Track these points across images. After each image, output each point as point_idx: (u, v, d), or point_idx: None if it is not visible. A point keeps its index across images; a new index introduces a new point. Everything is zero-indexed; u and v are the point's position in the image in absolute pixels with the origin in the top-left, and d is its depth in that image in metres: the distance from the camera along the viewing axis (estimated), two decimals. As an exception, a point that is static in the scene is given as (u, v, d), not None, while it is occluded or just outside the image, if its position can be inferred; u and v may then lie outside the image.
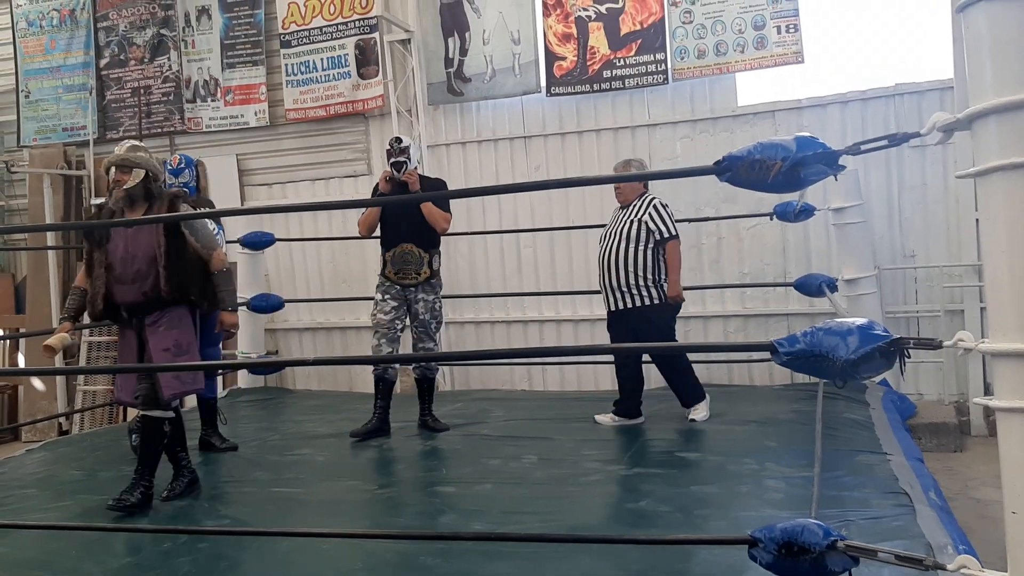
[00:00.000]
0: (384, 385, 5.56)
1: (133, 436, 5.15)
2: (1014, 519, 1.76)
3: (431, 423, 5.65)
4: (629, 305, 5.43)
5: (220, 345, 5.33)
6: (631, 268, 5.39)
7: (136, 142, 4.42)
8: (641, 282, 5.38)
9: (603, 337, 7.46)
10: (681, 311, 7.05)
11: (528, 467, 4.60)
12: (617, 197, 5.60)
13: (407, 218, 5.44)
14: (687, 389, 5.56)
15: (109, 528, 3.72)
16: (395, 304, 5.49)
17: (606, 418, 5.58)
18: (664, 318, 5.48)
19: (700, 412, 5.47)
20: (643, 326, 5.39)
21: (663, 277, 5.41)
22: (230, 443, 5.36)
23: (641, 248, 5.37)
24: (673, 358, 5.50)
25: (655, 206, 5.42)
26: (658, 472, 4.32)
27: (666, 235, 5.37)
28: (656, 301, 5.40)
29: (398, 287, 5.48)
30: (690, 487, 4.04)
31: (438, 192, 5.18)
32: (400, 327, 5.54)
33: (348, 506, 4.15)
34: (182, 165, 5.36)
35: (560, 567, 3.11)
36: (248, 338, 7.34)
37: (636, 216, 5.41)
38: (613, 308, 5.53)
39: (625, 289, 5.41)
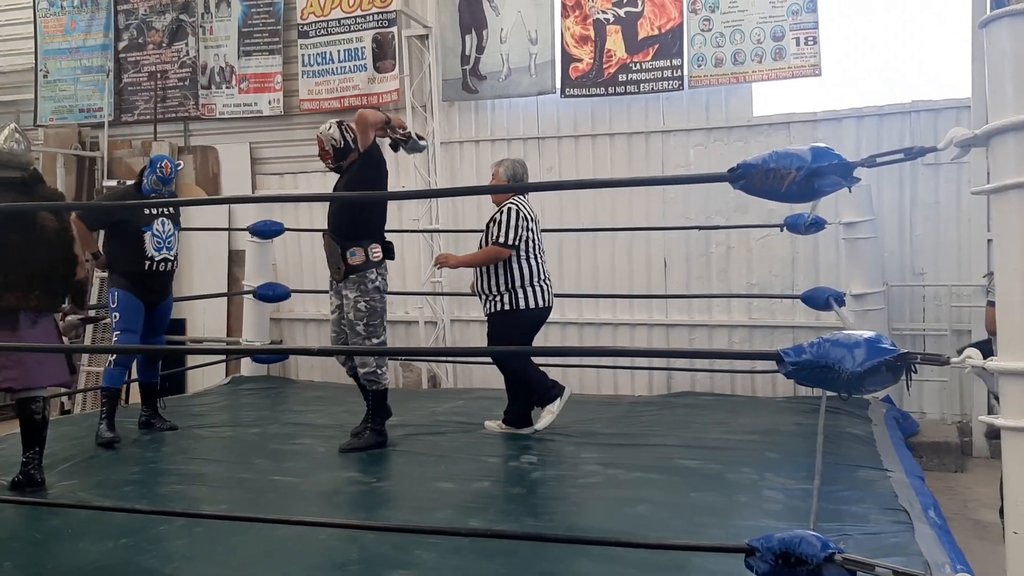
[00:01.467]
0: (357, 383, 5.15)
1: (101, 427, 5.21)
2: (1015, 539, 1.75)
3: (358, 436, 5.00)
4: (488, 311, 5.24)
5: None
6: (481, 274, 5.22)
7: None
8: (493, 289, 5.17)
9: (606, 340, 7.49)
10: (687, 319, 7.07)
11: (527, 467, 4.60)
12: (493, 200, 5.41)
13: (328, 208, 5.15)
14: (521, 398, 5.27)
15: (106, 508, 3.72)
16: (337, 302, 5.06)
17: (493, 424, 5.37)
18: (507, 326, 5.16)
19: (543, 420, 5.19)
20: (491, 332, 5.26)
21: (518, 283, 5.13)
22: (170, 423, 5.54)
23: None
24: (508, 369, 5.24)
25: (503, 211, 5.13)
26: (657, 478, 4.30)
27: (495, 238, 5.08)
28: (507, 308, 5.15)
29: (334, 283, 5.05)
30: (689, 494, 4.02)
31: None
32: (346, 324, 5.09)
33: (346, 497, 4.15)
34: (172, 175, 5.32)
35: (556, 568, 3.10)
36: (252, 326, 7.35)
37: (487, 223, 5.23)
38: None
39: (483, 294, 5.24)
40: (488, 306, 5.24)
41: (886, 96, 6.70)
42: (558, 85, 7.45)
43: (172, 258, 5.35)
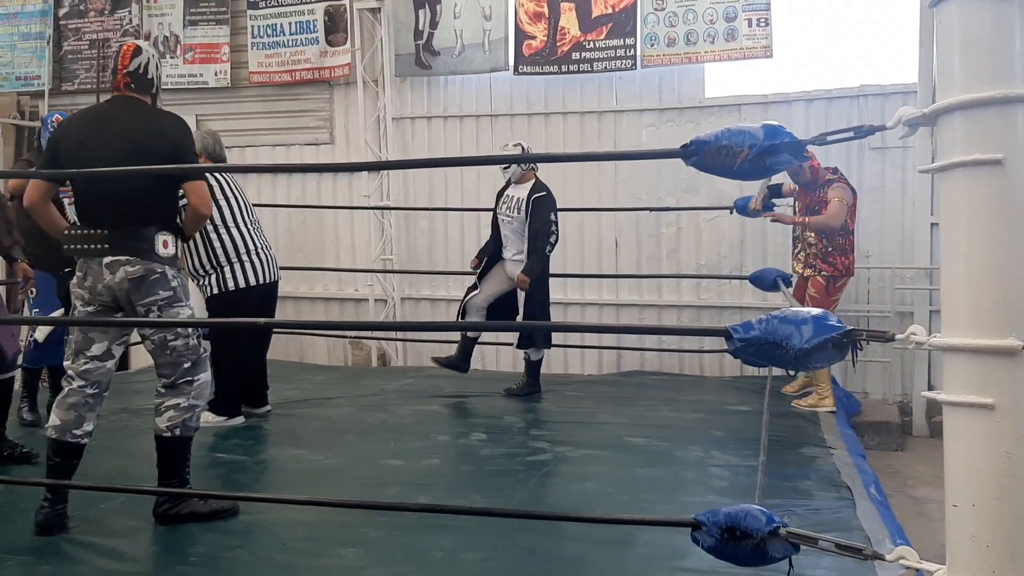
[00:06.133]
0: None
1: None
2: (955, 512, 1.78)
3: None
4: (208, 293, 4.93)
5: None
6: (201, 252, 4.89)
7: None
8: (200, 270, 4.91)
9: (557, 319, 7.50)
10: (637, 299, 7.12)
11: (476, 444, 4.60)
12: None
13: None
14: (223, 393, 4.99)
15: (47, 484, 3.63)
16: None
17: (207, 416, 4.83)
18: (230, 312, 4.83)
19: (210, 418, 4.86)
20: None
21: (221, 260, 4.85)
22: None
23: (210, 232, 4.84)
24: (222, 360, 4.85)
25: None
26: (605, 455, 4.33)
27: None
28: (214, 291, 4.89)
29: None
30: (636, 471, 4.06)
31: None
32: None
33: (292, 475, 4.11)
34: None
35: (503, 543, 3.10)
36: (198, 303, 7.20)
37: None
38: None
39: (203, 276, 4.93)
40: (204, 290, 4.94)
41: (835, 80, 6.78)
42: (511, 62, 7.40)
43: None
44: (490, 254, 5.87)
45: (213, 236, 4.85)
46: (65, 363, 3.38)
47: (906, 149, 6.42)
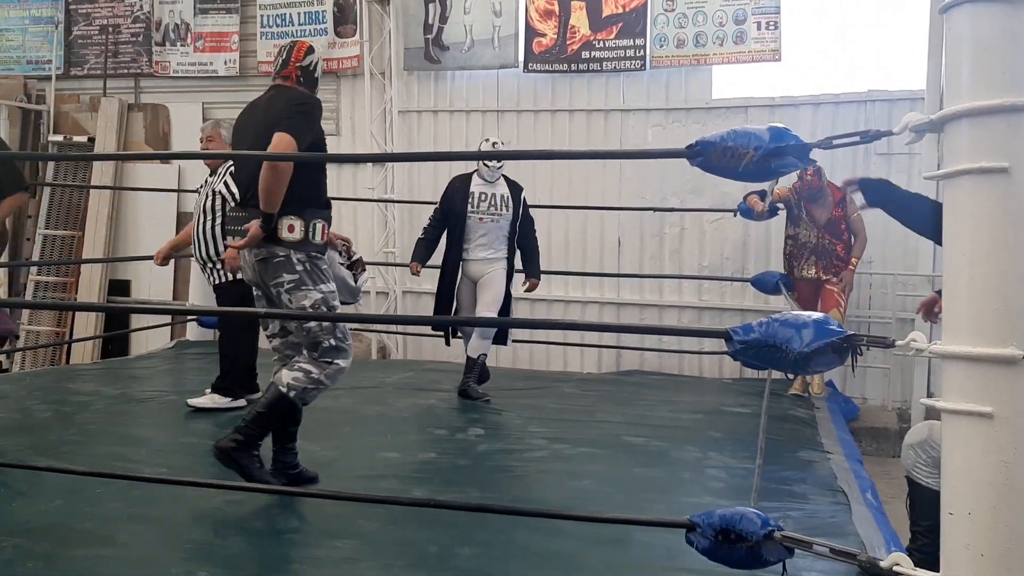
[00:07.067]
0: None
1: None
2: (951, 520, 1.77)
3: None
4: (215, 282, 4.99)
5: None
6: (211, 241, 4.95)
7: None
8: (207, 260, 4.97)
9: (558, 316, 7.49)
10: (639, 298, 7.12)
11: (474, 439, 4.59)
12: (207, 163, 5.23)
13: None
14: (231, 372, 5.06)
15: (41, 468, 3.63)
16: None
17: (205, 399, 5.03)
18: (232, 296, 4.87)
19: (218, 399, 5.02)
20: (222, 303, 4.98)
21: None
22: None
23: (219, 222, 4.91)
24: (231, 344, 5.02)
25: (231, 173, 4.79)
26: (602, 453, 4.33)
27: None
28: (219, 281, 4.98)
29: None
30: (633, 470, 4.06)
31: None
32: None
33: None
34: None
35: (498, 539, 3.10)
36: (200, 291, 7.21)
37: (212, 188, 4.97)
38: (209, 283, 5.13)
39: (212, 263, 4.98)
40: (217, 277, 4.97)
41: (843, 84, 6.77)
42: (521, 59, 7.39)
43: None
44: (449, 262, 5.51)
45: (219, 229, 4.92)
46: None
47: (912, 156, 6.41)
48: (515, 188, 5.53)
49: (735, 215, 6.24)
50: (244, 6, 8.22)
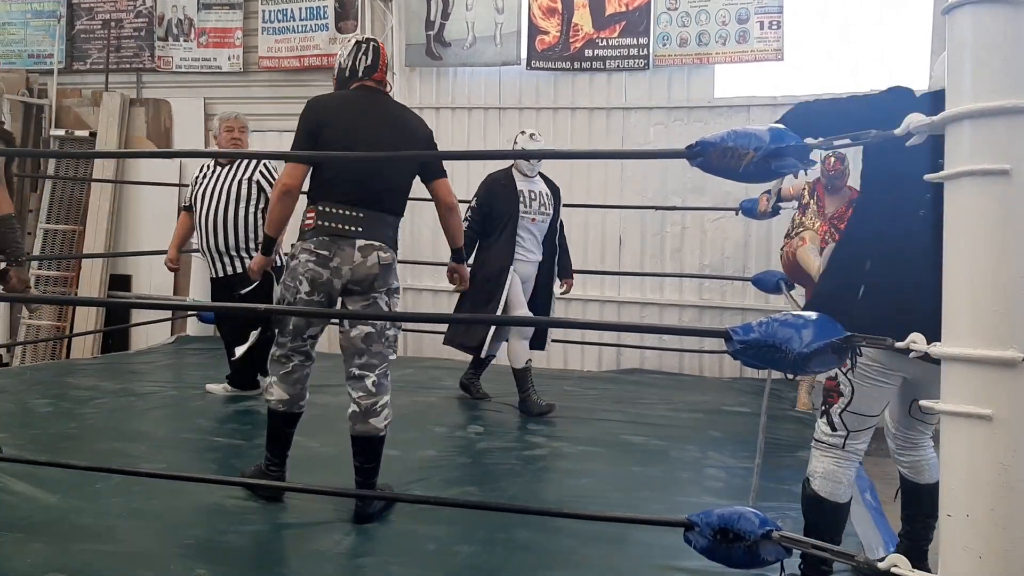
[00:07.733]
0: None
1: None
2: (949, 521, 1.77)
3: None
4: (239, 270, 5.01)
5: None
6: (240, 230, 5.03)
7: None
8: (253, 245, 5.02)
9: (558, 314, 7.48)
10: (639, 297, 7.11)
11: (473, 437, 4.60)
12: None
13: None
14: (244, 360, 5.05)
15: (41, 463, 3.63)
16: None
17: (218, 388, 5.36)
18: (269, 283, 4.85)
19: (217, 389, 5.31)
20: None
21: (231, 248, 5.06)
22: None
23: (252, 208, 5.03)
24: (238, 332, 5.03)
25: (267, 164, 5.08)
26: (602, 452, 4.33)
27: None
28: (219, 275, 5.12)
29: None
30: (632, 469, 4.06)
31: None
32: None
33: (288, 461, 4.10)
34: None
35: (496, 537, 3.10)
36: (200, 287, 7.22)
37: (246, 175, 5.06)
38: (220, 274, 5.14)
39: (234, 253, 5.05)
40: (244, 264, 5.00)
41: (846, 84, 6.74)
42: (523, 56, 7.38)
43: None
44: (495, 265, 5.11)
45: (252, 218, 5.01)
46: (282, 340, 3.47)
47: (914, 156, 6.39)
48: (552, 185, 5.39)
49: (736, 214, 6.24)
50: (247, 1, 8.21)
